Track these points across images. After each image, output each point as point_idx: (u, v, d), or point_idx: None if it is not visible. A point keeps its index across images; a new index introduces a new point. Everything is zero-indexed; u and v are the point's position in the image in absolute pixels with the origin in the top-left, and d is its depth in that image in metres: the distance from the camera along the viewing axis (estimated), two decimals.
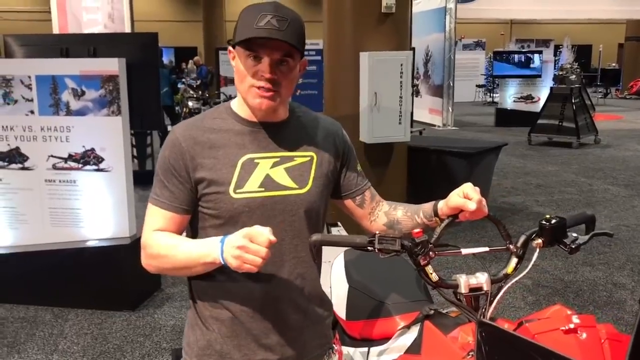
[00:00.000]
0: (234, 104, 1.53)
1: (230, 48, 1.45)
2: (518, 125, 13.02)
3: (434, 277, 1.47)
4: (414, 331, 1.68)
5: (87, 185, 3.97)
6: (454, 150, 6.00)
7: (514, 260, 1.54)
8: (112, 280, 3.99)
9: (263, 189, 1.46)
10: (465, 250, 1.52)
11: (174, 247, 1.42)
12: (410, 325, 1.72)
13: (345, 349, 2.00)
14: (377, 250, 1.41)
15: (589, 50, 25.82)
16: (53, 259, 3.99)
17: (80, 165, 3.96)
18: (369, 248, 1.42)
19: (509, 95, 14.79)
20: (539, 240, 1.53)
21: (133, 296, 4.09)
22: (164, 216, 1.47)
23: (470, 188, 1.45)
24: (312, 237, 1.40)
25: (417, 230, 1.45)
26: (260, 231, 1.27)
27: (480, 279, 1.48)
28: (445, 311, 1.67)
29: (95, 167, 3.95)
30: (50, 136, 3.93)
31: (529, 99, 14.48)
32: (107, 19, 7.94)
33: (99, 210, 4.00)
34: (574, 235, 1.56)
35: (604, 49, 23.32)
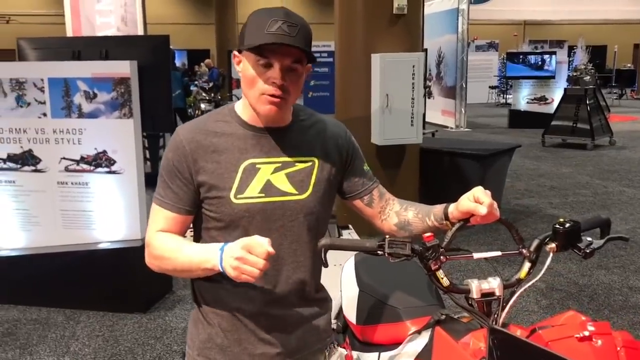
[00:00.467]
0: (238, 106, 1.53)
1: (236, 52, 1.44)
2: (531, 127, 12.92)
3: (445, 282, 1.45)
4: (425, 336, 1.66)
5: (99, 188, 3.98)
6: (466, 152, 5.96)
7: (527, 264, 1.51)
8: (124, 283, 4.00)
9: (263, 194, 1.46)
10: (477, 255, 1.49)
11: (176, 251, 1.44)
12: (421, 330, 1.70)
13: (355, 354, 1.98)
14: (387, 255, 1.39)
15: (604, 50, 25.59)
16: (65, 261, 4.01)
17: (92, 168, 3.97)
18: (378, 252, 1.40)
19: (523, 96, 14.69)
20: (553, 245, 1.50)
21: (144, 298, 4.09)
22: (168, 217, 1.49)
23: (481, 192, 1.43)
24: (321, 241, 1.38)
25: (428, 235, 1.43)
26: (259, 242, 1.27)
27: (493, 284, 1.46)
28: (457, 316, 1.65)
29: (107, 170, 3.96)
30: (62, 138, 3.95)
31: (542, 100, 14.37)
32: (120, 22, 7.98)
33: (110, 213, 4.01)
34: (588, 240, 1.53)
35: (619, 49, 23.09)
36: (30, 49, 4.32)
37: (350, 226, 3.54)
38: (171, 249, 1.45)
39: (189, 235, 1.56)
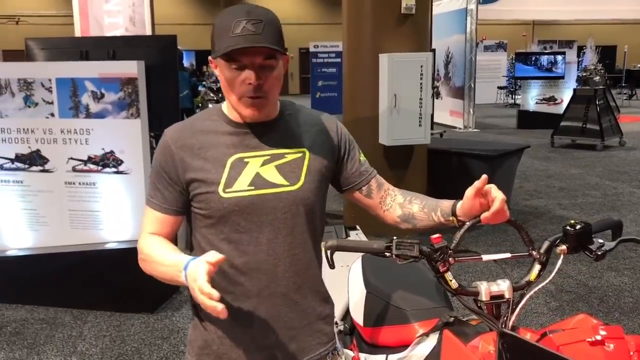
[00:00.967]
0: (224, 105, 1.52)
1: (211, 58, 1.43)
2: (540, 128, 12.85)
3: (453, 284, 1.43)
4: (433, 339, 1.64)
5: (107, 188, 3.99)
6: (475, 153, 5.93)
7: (536, 267, 1.49)
8: (131, 283, 3.98)
9: (253, 187, 1.44)
10: (486, 257, 1.47)
11: (157, 263, 1.44)
12: (429, 332, 1.68)
13: (363, 356, 1.96)
14: (395, 256, 1.37)
15: (614, 51, 25.44)
16: (72, 260, 4.01)
17: (99, 168, 3.97)
18: (386, 254, 1.38)
19: (531, 97, 14.62)
20: (563, 247, 1.48)
21: (152, 298, 4.09)
22: (157, 217, 1.50)
23: (493, 187, 1.42)
24: (328, 242, 1.37)
25: (436, 236, 1.41)
26: (195, 276, 1.24)
27: (502, 286, 1.44)
28: (465, 318, 1.62)
29: (115, 170, 3.96)
30: (70, 139, 3.96)
31: (551, 100, 14.29)
32: (129, 22, 7.99)
33: (118, 213, 4.01)
34: (599, 242, 1.51)
35: (630, 49, 22.94)
36: (38, 49, 4.32)
37: (358, 227, 3.52)
38: (154, 259, 1.45)
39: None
